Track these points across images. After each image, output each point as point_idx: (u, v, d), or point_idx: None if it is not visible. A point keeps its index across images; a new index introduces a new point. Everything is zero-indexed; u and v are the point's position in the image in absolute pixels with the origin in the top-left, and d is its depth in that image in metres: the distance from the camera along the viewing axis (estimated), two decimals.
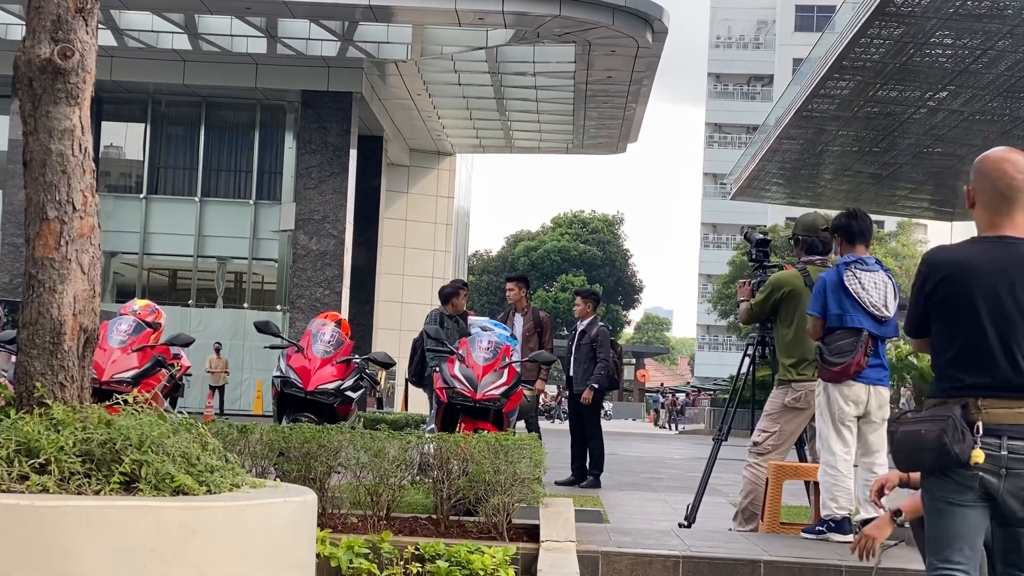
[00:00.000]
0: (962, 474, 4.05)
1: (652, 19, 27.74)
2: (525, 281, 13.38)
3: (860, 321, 7.40)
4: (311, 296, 30.98)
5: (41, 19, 4.52)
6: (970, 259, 4.20)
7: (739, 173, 42.07)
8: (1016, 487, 4.03)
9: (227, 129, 34.43)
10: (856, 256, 7.56)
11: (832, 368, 7.42)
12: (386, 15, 28.09)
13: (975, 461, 4.01)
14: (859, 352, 7.37)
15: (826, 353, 7.44)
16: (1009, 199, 4.17)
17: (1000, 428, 4.04)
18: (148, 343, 8.79)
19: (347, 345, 9.15)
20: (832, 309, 7.41)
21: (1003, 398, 4.08)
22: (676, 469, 18.25)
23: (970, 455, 4.01)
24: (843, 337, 7.42)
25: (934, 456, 4.08)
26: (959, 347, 4.18)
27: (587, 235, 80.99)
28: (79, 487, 3.96)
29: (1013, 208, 4.17)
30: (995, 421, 4.06)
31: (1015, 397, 4.07)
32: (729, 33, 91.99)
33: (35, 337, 4.46)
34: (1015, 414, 4.06)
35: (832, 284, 7.45)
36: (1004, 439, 4.03)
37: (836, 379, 7.45)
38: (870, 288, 7.44)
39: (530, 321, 12.88)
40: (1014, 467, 4.01)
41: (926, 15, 23.77)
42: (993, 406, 4.07)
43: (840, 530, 7.44)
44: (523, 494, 6.70)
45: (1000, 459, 4.02)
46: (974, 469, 4.02)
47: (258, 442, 6.83)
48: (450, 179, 42.21)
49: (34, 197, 4.51)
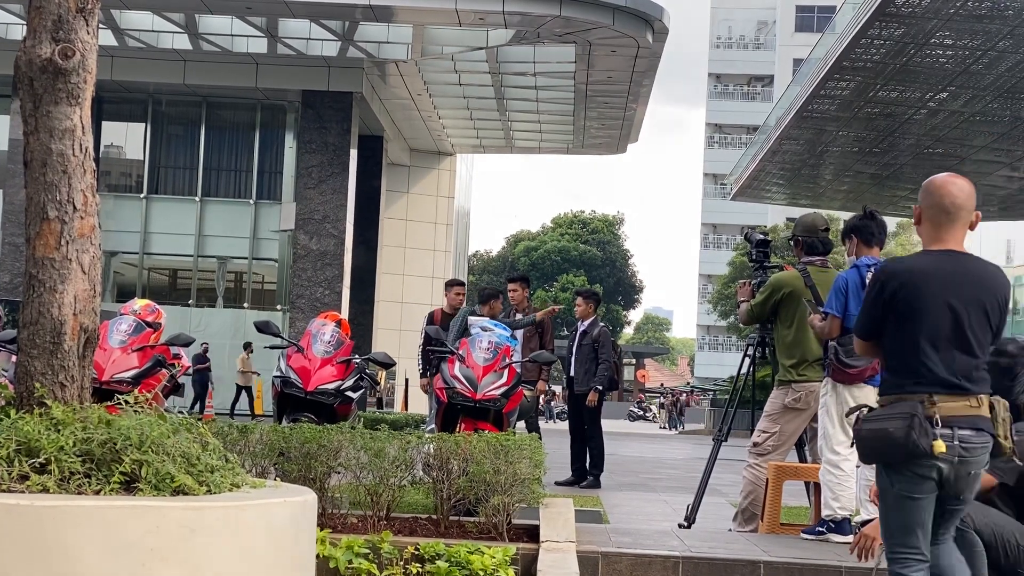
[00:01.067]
0: (923, 465, 4.55)
1: (652, 19, 27.73)
2: (527, 281, 13.39)
3: None
4: (311, 296, 30.98)
5: (42, 19, 4.52)
6: (923, 269, 4.75)
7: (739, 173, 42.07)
8: (963, 472, 4.57)
9: (227, 129, 34.42)
10: (875, 259, 7.44)
11: (848, 371, 7.37)
12: (386, 15, 28.09)
13: (938, 451, 4.50)
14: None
15: (842, 354, 7.35)
16: (951, 216, 4.74)
17: (951, 420, 4.55)
18: (148, 343, 8.79)
19: (347, 345, 9.15)
20: (852, 310, 7.15)
21: (953, 394, 4.60)
22: (676, 469, 18.25)
23: (932, 446, 4.50)
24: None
25: (902, 450, 4.56)
26: (913, 348, 4.66)
27: (587, 235, 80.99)
28: (79, 487, 3.96)
29: (955, 225, 4.76)
30: (947, 414, 4.56)
31: (962, 393, 4.60)
32: (729, 33, 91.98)
33: (35, 337, 4.46)
34: (963, 407, 4.59)
35: (854, 286, 7.28)
36: (955, 430, 4.54)
37: (851, 381, 7.41)
38: None
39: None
40: (963, 455, 4.55)
41: (927, 16, 23.76)
42: (944, 401, 4.58)
43: (840, 531, 7.44)
44: (523, 494, 6.70)
45: (953, 448, 4.53)
46: (934, 459, 4.52)
47: (258, 442, 6.83)
48: (450, 179, 42.20)
49: (35, 197, 4.51)
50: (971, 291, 4.70)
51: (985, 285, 4.74)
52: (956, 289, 4.68)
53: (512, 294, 13.16)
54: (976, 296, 4.70)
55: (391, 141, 38.03)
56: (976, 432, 4.60)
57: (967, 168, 34.98)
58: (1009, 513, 5.28)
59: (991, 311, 4.71)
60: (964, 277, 4.72)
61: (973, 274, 4.75)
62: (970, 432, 4.58)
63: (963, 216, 4.76)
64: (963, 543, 5.06)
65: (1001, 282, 4.80)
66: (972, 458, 4.59)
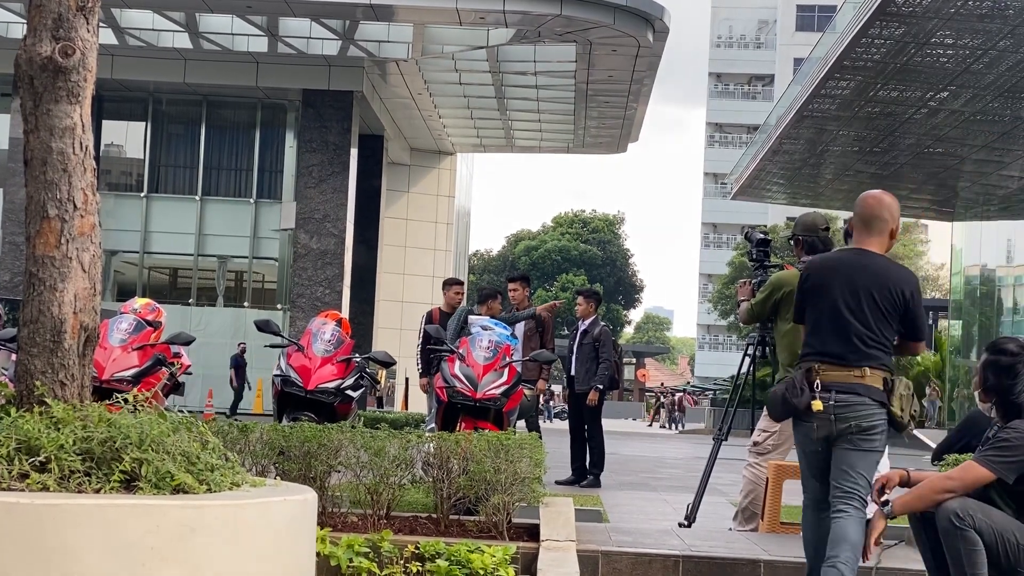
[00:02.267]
0: (807, 423, 5.58)
1: (653, 19, 27.73)
2: (527, 280, 13.38)
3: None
4: (311, 295, 30.98)
5: (42, 17, 4.52)
6: (833, 263, 5.82)
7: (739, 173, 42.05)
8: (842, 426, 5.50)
9: (228, 128, 34.42)
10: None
11: None
12: (387, 14, 28.08)
13: (815, 409, 5.50)
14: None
15: None
16: (868, 223, 5.78)
17: (831, 384, 5.53)
18: (148, 342, 8.79)
19: (347, 344, 9.14)
20: None
21: (833, 364, 5.56)
22: (676, 469, 18.24)
23: (809, 404, 5.51)
24: None
25: (780, 407, 5.72)
26: (811, 326, 5.72)
27: (588, 235, 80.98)
28: (79, 485, 3.96)
29: (871, 231, 5.76)
30: (827, 380, 5.55)
31: (842, 364, 5.55)
32: (730, 33, 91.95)
33: (35, 335, 4.46)
34: (842, 375, 5.54)
35: None
36: (833, 392, 5.50)
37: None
38: None
39: (531, 321, 12.88)
40: (840, 412, 5.50)
41: (927, 15, 23.74)
42: (827, 370, 5.56)
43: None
44: (523, 493, 6.70)
45: (828, 408, 5.50)
46: (814, 417, 5.52)
47: (258, 441, 6.83)
48: (451, 178, 42.19)
49: (35, 195, 4.51)
50: (865, 282, 5.58)
51: (880, 278, 5.61)
52: (852, 280, 5.61)
53: (512, 293, 13.15)
54: (868, 286, 5.57)
55: (391, 140, 38.03)
56: (853, 395, 5.51)
57: (968, 168, 34.99)
58: (1009, 512, 5.28)
59: (881, 299, 5.56)
60: (862, 271, 5.63)
61: (871, 269, 5.64)
62: (847, 395, 5.51)
63: (877, 224, 5.76)
64: (963, 542, 5.10)
65: (899, 276, 5.67)
66: (849, 415, 5.49)
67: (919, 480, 5.47)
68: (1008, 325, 38.74)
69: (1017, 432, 5.29)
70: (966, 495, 5.27)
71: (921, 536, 5.49)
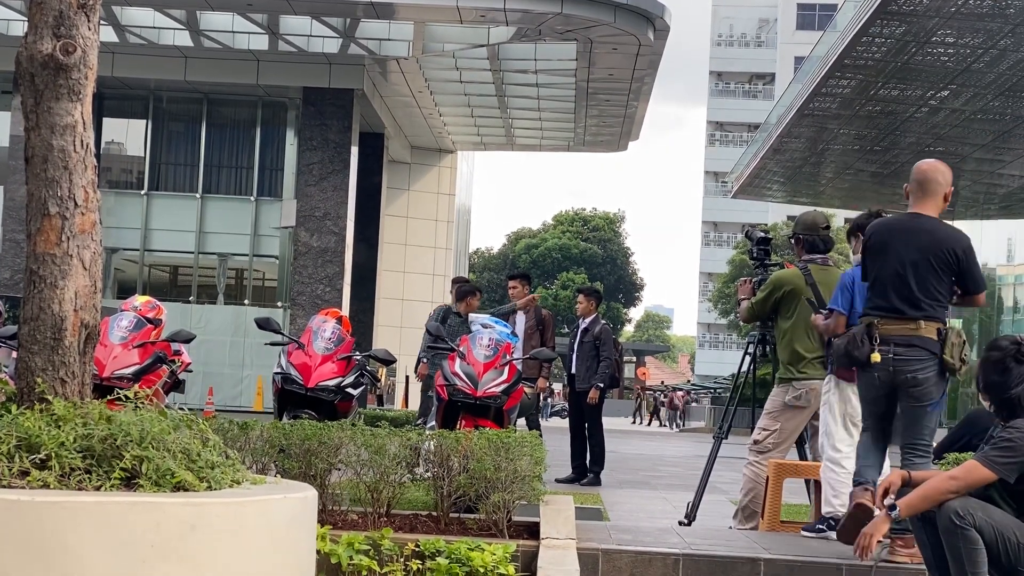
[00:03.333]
0: (869, 373, 6.32)
1: (654, 17, 27.72)
2: (528, 279, 13.39)
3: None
4: (312, 293, 30.98)
5: (43, 15, 4.52)
6: (893, 225, 6.52)
7: (740, 171, 42.03)
8: (900, 377, 6.23)
9: (228, 126, 34.41)
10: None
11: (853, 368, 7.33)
12: (388, 12, 28.08)
13: (873, 361, 6.22)
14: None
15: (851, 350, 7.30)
16: (924, 187, 6.47)
17: (890, 337, 6.24)
18: (149, 339, 8.79)
19: (348, 342, 9.15)
20: (857, 307, 7.09)
21: (893, 319, 6.26)
22: (676, 467, 18.25)
23: (868, 357, 6.23)
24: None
25: (844, 358, 6.45)
26: (873, 283, 6.40)
27: (588, 233, 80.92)
28: (80, 483, 3.97)
29: (927, 194, 6.46)
30: (886, 333, 6.25)
31: (900, 318, 6.25)
32: (731, 31, 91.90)
33: (36, 333, 4.46)
34: (899, 328, 6.25)
35: (860, 283, 7.15)
36: (892, 345, 6.22)
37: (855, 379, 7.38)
38: None
39: (532, 319, 12.88)
40: (899, 365, 6.23)
41: (928, 14, 23.73)
42: (887, 323, 6.26)
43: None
44: (523, 491, 6.70)
45: (888, 360, 6.22)
46: (875, 367, 6.24)
47: (259, 439, 6.83)
48: (451, 176, 42.19)
49: (35, 193, 4.51)
50: (920, 243, 6.29)
51: (935, 239, 6.32)
52: (908, 242, 6.31)
53: (512, 291, 13.16)
54: (923, 247, 6.28)
55: (392, 138, 38.02)
56: (909, 348, 6.22)
57: (968, 166, 34.97)
58: (1009, 511, 5.29)
59: (935, 259, 6.26)
60: (918, 233, 6.33)
61: (925, 230, 6.35)
62: (904, 348, 6.23)
63: (932, 187, 6.46)
64: (963, 540, 5.11)
65: (952, 236, 6.40)
66: (906, 367, 6.21)
67: (920, 480, 5.47)
68: (1008, 324, 38.75)
69: (1019, 432, 5.29)
70: (967, 494, 5.27)
71: (921, 534, 5.50)
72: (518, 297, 12.99)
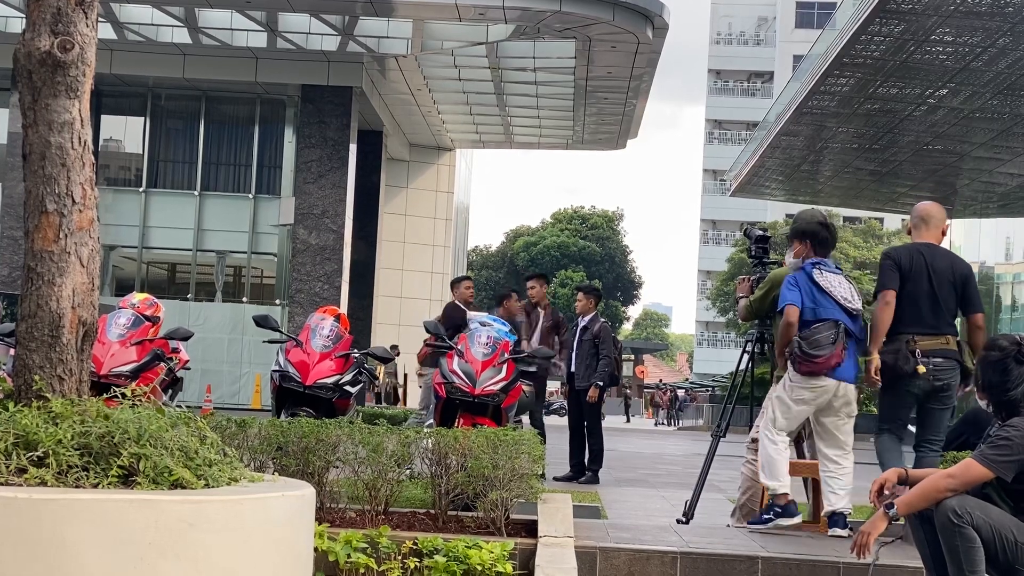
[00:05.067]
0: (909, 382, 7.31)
1: (653, 15, 27.71)
2: (545, 278, 13.63)
3: (834, 314, 7.57)
4: (310, 291, 30.98)
5: (41, 12, 4.52)
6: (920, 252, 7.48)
7: (739, 170, 42.01)
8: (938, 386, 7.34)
9: (227, 123, 34.39)
10: (820, 259, 7.85)
11: (814, 360, 7.53)
12: (386, 9, 28.07)
13: (920, 372, 7.24)
14: (838, 344, 7.53)
15: (805, 346, 7.55)
16: (928, 222, 7.63)
17: (928, 351, 7.30)
18: (147, 337, 8.79)
19: (346, 340, 9.14)
20: (806, 302, 7.60)
21: (926, 335, 7.33)
22: (675, 465, 18.24)
23: (915, 369, 7.24)
24: (821, 330, 7.57)
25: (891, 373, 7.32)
26: (907, 305, 7.32)
27: (587, 231, 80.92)
28: (77, 480, 3.96)
29: (931, 227, 7.62)
30: (925, 348, 7.30)
31: (935, 334, 7.34)
32: (729, 29, 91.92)
33: (34, 330, 4.46)
34: (933, 343, 7.33)
35: (804, 281, 7.67)
36: (931, 358, 7.28)
37: (815, 372, 7.57)
38: (836, 285, 7.66)
39: (550, 319, 13.03)
40: (937, 374, 7.32)
41: (927, 12, 23.72)
42: (922, 339, 7.32)
43: (788, 513, 7.63)
44: (521, 489, 6.70)
45: (930, 371, 7.28)
46: (919, 377, 7.27)
47: (256, 436, 6.83)
48: (450, 174, 42.18)
49: (33, 190, 4.50)
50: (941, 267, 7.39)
51: (951, 264, 7.48)
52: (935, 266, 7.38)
53: (531, 291, 13.37)
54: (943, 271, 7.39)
55: (391, 136, 38.01)
56: (943, 359, 7.33)
57: (967, 165, 34.96)
58: (1007, 509, 5.29)
59: (953, 281, 7.39)
60: (939, 259, 7.46)
61: (943, 256, 7.52)
62: (940, 360, 7.31)
63: (935, 222, 7.62)
64: (961, 539, 5.11)
65: (960, 262, 7.59)
66: (942, 376, 7.32)
67: (917, 478, 5.47)
68: (1007, 323, 38.76)
69: (1017, 430, 5.29)
70: (965, 492, 5.27)
71: (919, 533, 5.49)
72: (536, 297, 13.22)
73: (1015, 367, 5.41)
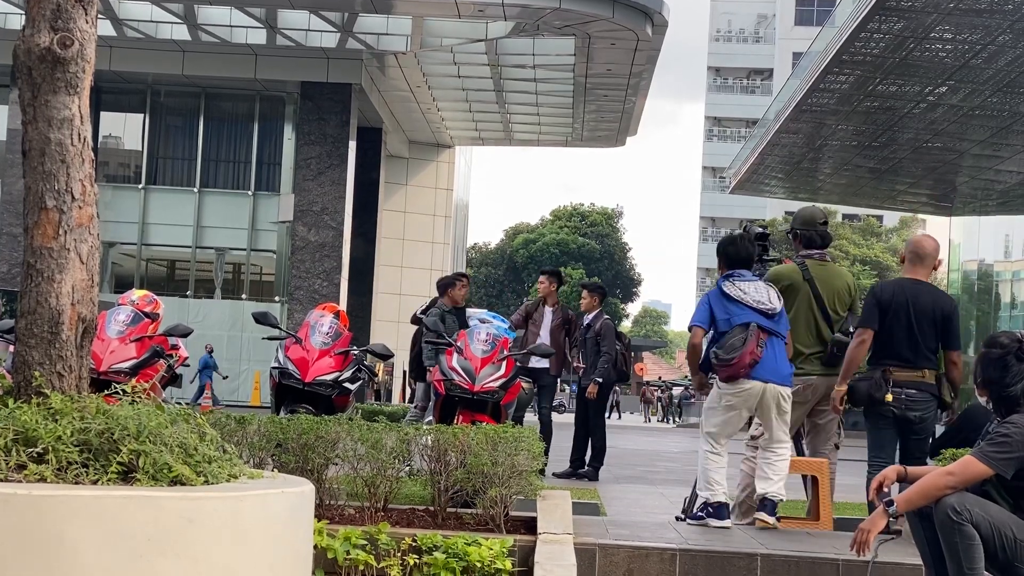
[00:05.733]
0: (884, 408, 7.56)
1: (652, 12, 27.71)
2: (558, 276, 13.52)
3: (748, 317, 7.69)
4: (309, 287, 30.98)
5: (41, 8, 4.51)
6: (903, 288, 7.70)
7: (738, 167, 41.99)
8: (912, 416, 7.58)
9: (226, 120, 34.40)
10: (733, 271, 7.97)
11: (729, 364, 7.64)
12: (386, 6, 28.06)
13: (887, 400, 7.50)
14: (751, 342, 7.62)
15: (721, 353, 7.68)
16: (922, 258, 7.78)
17: (901, 382, 7.55)
18: (146, 333, 8.79)
19: (345, 337, 9.14)
20: (719, 315, 7.77)
21: (903, 367, 7.58)
22: (674, 462, 18.25)
23: (883, 397, 7.50)
24: (734, 334, 7.69)
25: (865, 399, 7.60)
26: (887, 336, 7.59)
27: (586, 228, 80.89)
28: (76, 477, 3.96)
29: (924, 263, 7.78)
30: (899, 379, 7.55)
31: (910, 366, 7.57)
32: (729, 27, 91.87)
33: (33, 327, 4.46)
34: (909, 375, 7.57)
35: (715, 296, 7.86)
36: (903, 388, 7.54)
37: (733, 377, 7.67)
38: (750, 291, 7.78)
39: (559, 317, 12.97)
40: (909, 404, 7.57)
41: (926, 10, 23.70)
42: (898, 371, 7.57)
43: (718, 515, 7.69)
44: (520, 486, 6.70)
45: (901, 400, 7.54)
46: (888, 405, 7.53)
47: (256, 433, 6.83)
48: (449, 171, 42.18)
49: (33, 186, 4.50)
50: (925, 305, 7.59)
51: (934, 301, 7.65)
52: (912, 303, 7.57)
53: (540, 286, 13.36)
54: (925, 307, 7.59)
55: (390, 133, 38.00)
56: (917, 391, 7.56)
57: (966, 163, 34.94)
58: (1006, 507, 5.29)
59: (933, 318, 7.59)
60: (922, 295, 7.63)
61: (926, 292, 7.67)
62: (913, 391, 7.56)
63: (928, 260, 7.78)
64: (960, 536, 5.11)
65: (944, 299, 7.82)
66: (915, 407, 7.57)
67: (916, 475, 5.47)
68: (1006, 320, 38.75)
69: (1016, 427, 5.29)
70: (964, 490, 5.26)
71: (918, 530, 5.50)
72: (543, 292, 13.19)
73: (1015, 364, 5.41)
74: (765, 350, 7.65)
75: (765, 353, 7.65)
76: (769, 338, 7.70)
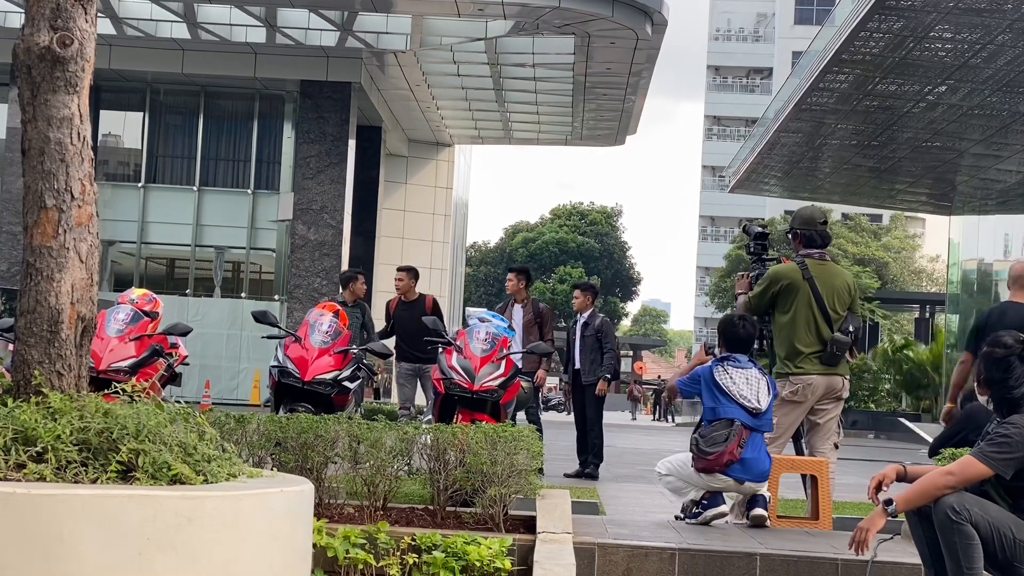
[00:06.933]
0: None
1: (652, 11, 27.69)
2: (526, 273, 13.40)
3: (733, 412, 7.73)
4: (309, 286, 30.97)
5: (40, 7, 4.51)
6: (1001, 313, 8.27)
7: (737, 166, 41.96)
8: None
9: (226, 118, 34.37)
10: (729, 354, 7.99)
11: (707, 458, 7.71)
12: (385, 5, 28.05)
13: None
14: (732, 442, 7.69)
15: (702, 444, 7.76)
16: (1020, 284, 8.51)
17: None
18: (145, 332, 8.79)
19: (345, 335, 9.15)
20: (707, 402, 7.84)
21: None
22: None
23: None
24: (718, 428, 7.75)
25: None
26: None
27: (585, 227, 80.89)
28: (76, 476, 3.96)
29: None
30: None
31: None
32: (728, 26, 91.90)
33: (33, 325, 4.46)
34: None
35: (707, 379, 7.88)
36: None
37: (709, 469, 7.74)
38: (741, 383, 7.80)
39: (529, 313, 12.89)
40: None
41: (926, 9, 23.68)
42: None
43: (713, 503, 7.79)
44: (520, 485, 6.70)
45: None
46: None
47: (255, 432, 6.83)
48: (449, 170, 42.16)
49: (32, 185, 4.50)
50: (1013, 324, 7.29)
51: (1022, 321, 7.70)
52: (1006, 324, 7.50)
53: (508, 284, 13.23)
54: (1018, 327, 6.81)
55: (389, 132, 37.98)
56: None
57: (965, 162, 34.93)
58: (1005, 507, 5.29)
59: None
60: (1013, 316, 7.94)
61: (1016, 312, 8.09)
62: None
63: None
64: (960, 536, 5.11)
65: None
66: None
67: (916, 474, 5.47)
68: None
69: (1016, 428, 5.28)
70: (963, 489, 5.26)
71: (917, 530, 5.49)
72: (511, 290, 13.08)
73: (1019, 365, 5.40)
74: (746, 449, 7.71)
75: (745, 453, 7.71)
76: (752, 434, 7.77)
